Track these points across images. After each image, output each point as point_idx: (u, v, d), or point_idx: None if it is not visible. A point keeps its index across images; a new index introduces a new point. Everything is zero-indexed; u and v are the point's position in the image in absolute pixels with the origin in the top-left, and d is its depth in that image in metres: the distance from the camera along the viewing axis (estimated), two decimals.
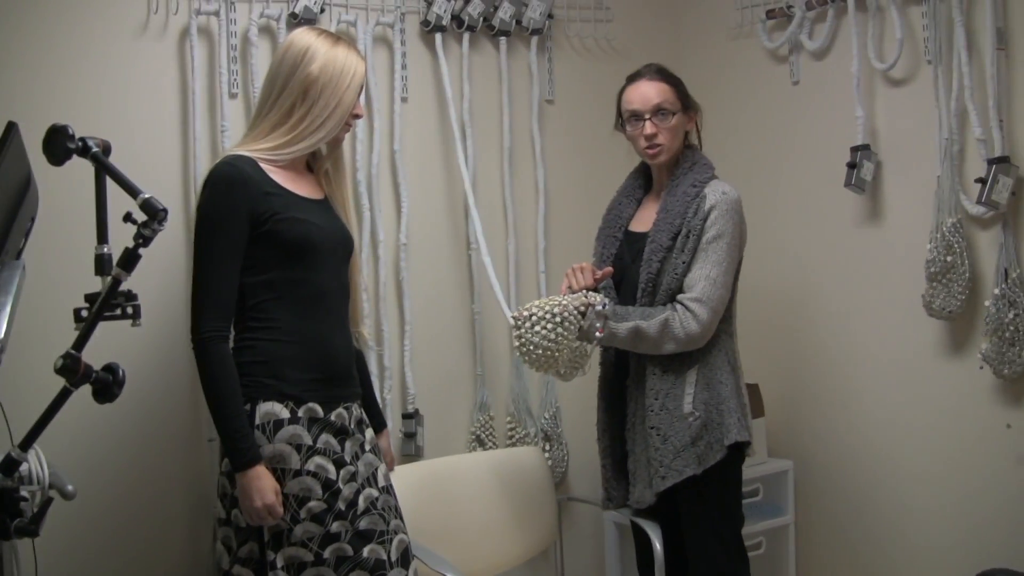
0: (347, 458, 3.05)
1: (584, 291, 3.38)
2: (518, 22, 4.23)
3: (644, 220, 3.54)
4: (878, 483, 4.07)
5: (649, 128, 3.43)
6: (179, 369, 3.47)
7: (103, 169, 2.56)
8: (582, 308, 3.31)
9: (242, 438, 2.90)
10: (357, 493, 3.04)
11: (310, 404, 3.01)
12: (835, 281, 4.16)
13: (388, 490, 3.18)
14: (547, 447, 4.24)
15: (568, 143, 4.41)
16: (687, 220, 3.37)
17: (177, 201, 3.56)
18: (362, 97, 3.63)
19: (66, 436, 3.05)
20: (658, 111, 3.43)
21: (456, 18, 4.09)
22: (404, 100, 4.01)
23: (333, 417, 3.05)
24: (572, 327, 3.29)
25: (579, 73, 4.45)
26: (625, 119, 3.51)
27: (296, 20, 3.70)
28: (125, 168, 2.56)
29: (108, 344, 2.75)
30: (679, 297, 3.33)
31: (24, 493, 2.45)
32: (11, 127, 2.50)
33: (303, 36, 3.12)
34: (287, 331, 3.03)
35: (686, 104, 3.51)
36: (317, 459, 2.97)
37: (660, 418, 3.35)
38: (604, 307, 3.31)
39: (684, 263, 3.35)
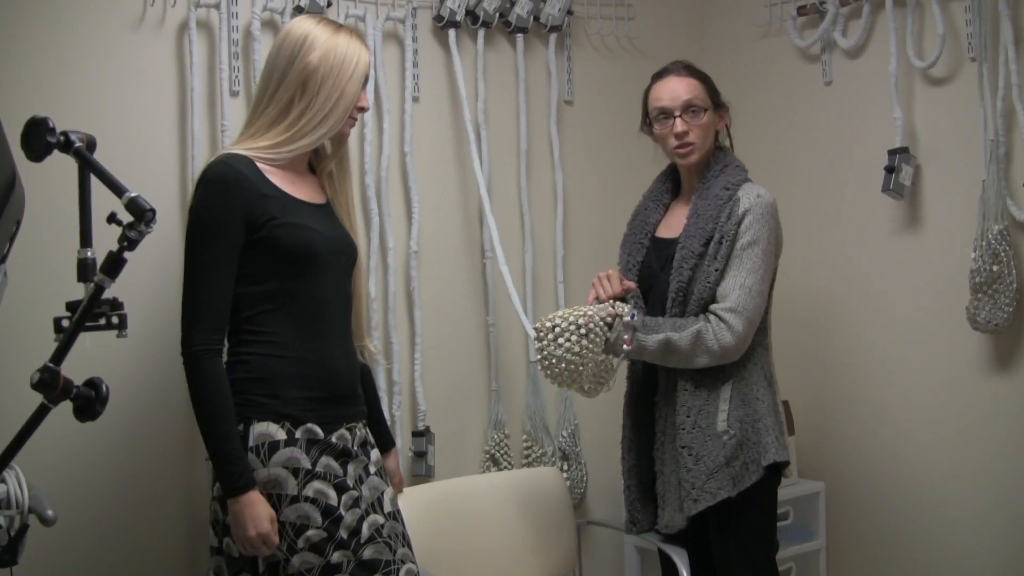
0: (350, 482, 2.90)
1: (611, 301, 3.23)
2: (536, 18, 4.13)
3: (673, 226, 3.42)
4: (915, 508, 3.92)
5: (680, 125, 3.31)
6: (173, 383, 3.32)
7: (86, 165, 2.45)
8: (609, 319, 3.17)
9: (235, 461, 2.75)
10: (361, 520, 2.89)
11: (309, 425, 2.86)
12: (871, 292, 4.02)
13: (395, 516, 3.05)
14: (565, 467, 4.14)
15: (588, 146, 4.32)
16: (720, 225, 3.24)
17: (174, 204, 3.44)
18: (369, 91, 3.53)
19: (48, 456, 3.01)
20: (688, 108, 3.32)
21: (471, 13, 3.98)
22: (415, 100, 3.90)
23: (334, 439, 2.90)
24: (598, 339, 3.14)
25: (599, 73, 4.35)
26: (653, 118, 3.40)
27: (301, 14, 3.52)
28: (118, 170, 2.43)
29: (98, 356, 2.66)
30: (712, 307, 3.21)
31: None
32: None
33: (301, 24, 2.97)
34: (284, 345, 2.88)
35: (716, 102, 3.40)
36: (316, 484, 2.82)
37: (692, 436, 3.23)
38: (633, 318, 3.17)
39: (717, 271, 3.22)
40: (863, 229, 4.02)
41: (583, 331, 3.11)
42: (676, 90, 3.34)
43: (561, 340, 3.12)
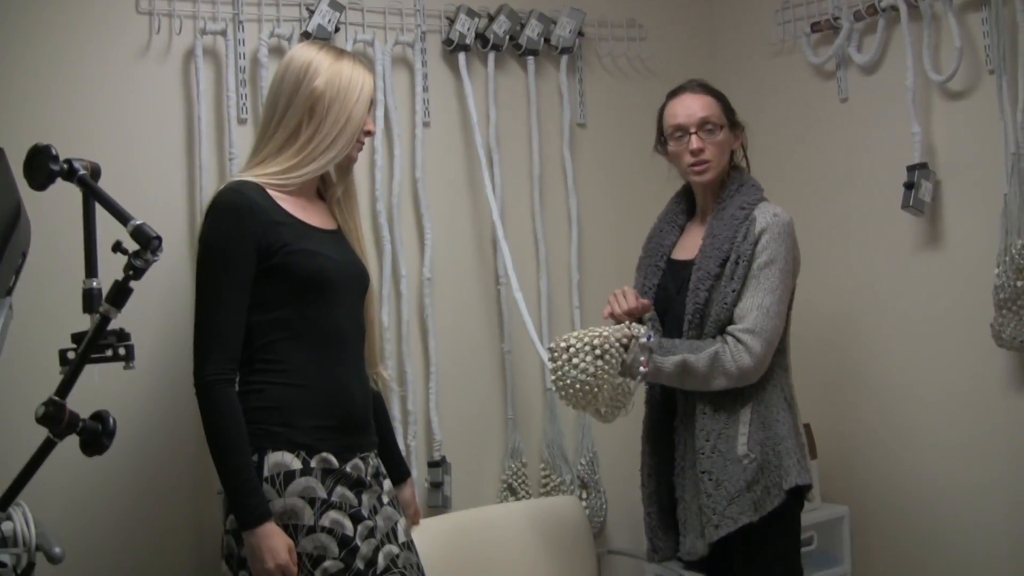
0: (364, 512, 2.87)
1: (627, 323, 3.19)
2: (546, 40, 4.10)
3: (688, 247, 3.38)
4: (942, 531, 3.85)
5: (695, 142, 3.28)
6: (182, 416, 3.30)
7: (91, 194, 2.45)
8: (625, 340, 3.12)
9: (250, 492, 2.71)
10: (376, 550, 2.87)
11: (324, 454, 2.83)
12: (892, 310, 3.97)
13: (409, 546, 3.02)
14: (584, 495, 4.09)
15: (602, 169, 4.28)
16: (736, 245, 3.20)
17: (182, 232, 3.41)
18: (379, 116, 3.62)
19: (55, 491, 2.97)
20: (704, 125, 3.29)
21: (480, 36, 3.95)
22: (426, 125, 3.88)
23: (348, 468, 2.87)
24: (614, 361, 3.09)
25: (612, 95, 4.32)
26: (668, 135, 3.37)
27: (309, 40, 3.51)
28: (124, 199, 2.43)
29: (106, 389, 2.63)
30: (730, 328, 3.17)
31: (3, 558, 2.28)
32: None
33: (304, 51, 2.98)
34: (298, 374, 2.85)
35: (732, 120, 3.37)
36: (332, 514, 2.78)
37: (712, 461, 3.19)
38: (649, 339, 3.12)
39: (734, 291, 3.18)
40: (883, 247, 3.97)
41: (598, 352, 3.07)
42: (692, 107, 3.31)
43: (576, 360, 3.08)
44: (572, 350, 3.09)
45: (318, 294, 2.88)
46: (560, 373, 3.11)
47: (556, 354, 3.12)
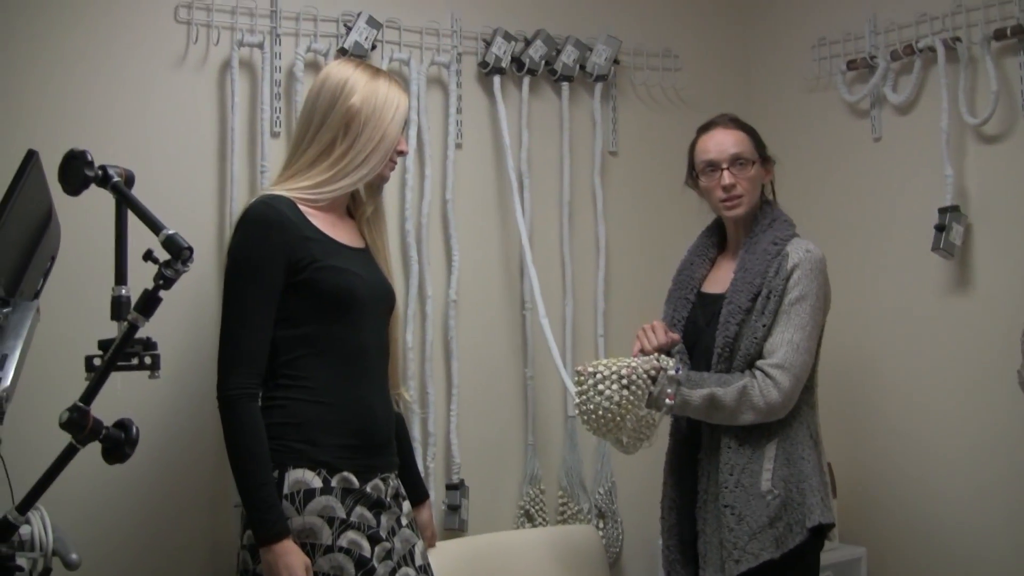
0: (383, 534, 2.85)
1: (656, 355, 3.17)
2: (582, 67, 4.09)
3: (719, 281, 3.36)
4: None
5: (727, 178, 3.27)
6: (204, 428, 3.29)
7: (124, 201, 2.44)
8: (653, 372, 3.10)
9: (269, 508, 2.70)
10: (393, 572, 2.86)
11: (344, 473, 2.81)
12: (919, 353, 3.94)
13: (426, 570, 3.00)
14: (601, 525, 4.06)
15: (631, 198, 4.27)
16: (768, 280, 3.18)
17: (211, 243, 3.40)
18: (412, 136, 3.62)
19: (74, 497, 2.95)
20: (736, 160, 3.28)
21: (516, 60, 3.95)
22: (459, 146, 3.86)
23: (369, 488, 2.86)
24: (640, 392, 3.08)
25: (644, 124, 4.31)
26: (699, 171, 3.35)
27: (345, 56, 3.51)
28: (155, 207, 2.41)
29: (129, 397, 2.64)
30: (759, 363, 3.15)
31: (21, 562, 2.26)
32: (31, 156, 2.35)
33: (340, 68, 2.98)
34: (322, 391, 2.84)
35: (763, 155, 3.36)
36: (350, 534, 2.77)
37: (735, 495, 3.15)
38: (678, 372, 3.11)
39: (764, 326, 3.16)
40: (911, 288, 3.94)
41: (625, 382, 3.05)
42: (723, 143, 3.30)
43: (601, 387, 3.06)
44: (599, 376, 3.07)
45: (344, 312, 2.86)
46: (584, 398, 3.09)
47: (583, 378, 3.11)
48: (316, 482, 2.75)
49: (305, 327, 2.83)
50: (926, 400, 3.90)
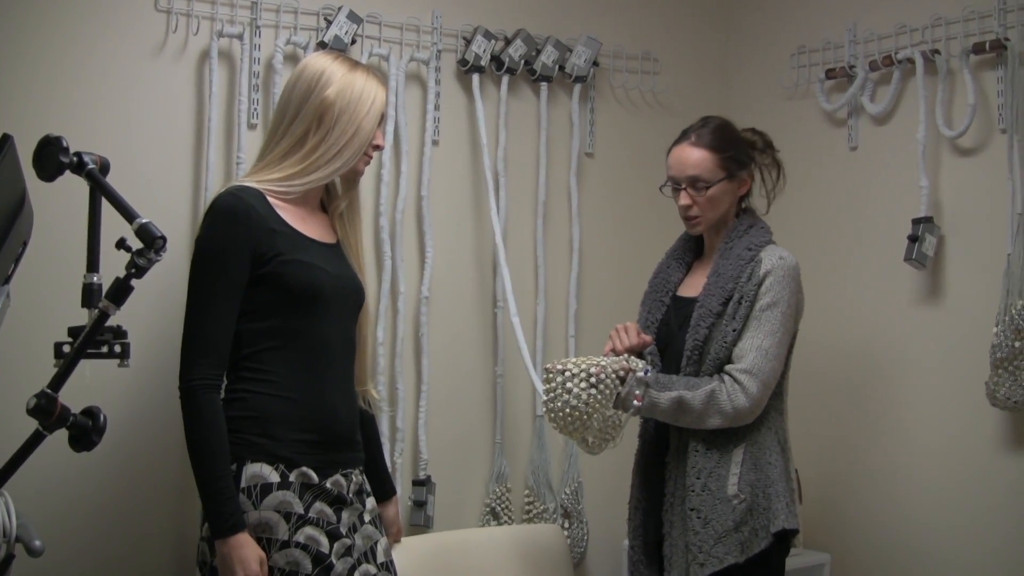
0: (343, 530, 2.83)
1: (626, 356, 3.17)
2: (561, 68, 4.10)
3: (694, 285, 3.36)
4: None
5: (684, 198, 3.28)
6: (171, 418, 3.20)
7: (98, 188, 2.43)
8: (622, 373, 3.10)
9: (225, 501, 2.68)
10: (352, 569, 2.84)
11: (303, 468, 2.79)
12: (888, 361, 3.95)
13: (388, 567, 2.98)
14: (566, 525, 4.07)
15: (607, 200, 4.27)
16: (740, 285, 3.18)
17: (184, 234, 3.39)
18: (389, 132, 3.62)
19: (39, 484, 2.94)
20: (694, 182, 3.26)
21: (496, 59, 3.95)
22: (435, 143, 3.86)
23: (329, 484, 2.83)
24: (608, 392, 3.07)
25: (622, 126, 4.32)
26: (667, 181, 3.35)
27: (325, 49, 3.50)
28: (130, 196, 2.43)
29: (97, 385, 2.64)
30: (727, 368, 3.15)
31: None
32: (6, 140, 2.33)
33: (318, 59, 2.96)
34: (283, 385, 2.82)
35: (732, 171, 3.30)
36: (308, 530, 2.75)
37: (701, 499, 3.15)
38: (647, 374, 3.10)
39: (734, 331, 3.16)
40: (883, 298, 3.96)
41: (593, 380, 3.04)
42: (684, 162, 3.27)
43: (569, 385, 3.05)
44: (567, 374, 3.07)
45: (308, 306, 2.85)
46: (552, 396, 3.09)
47: (551, 376, 3.10)
48: (274, 477, 2.74)
49: (269, 321, 2.81)
50: (894, 408, 3.92)
